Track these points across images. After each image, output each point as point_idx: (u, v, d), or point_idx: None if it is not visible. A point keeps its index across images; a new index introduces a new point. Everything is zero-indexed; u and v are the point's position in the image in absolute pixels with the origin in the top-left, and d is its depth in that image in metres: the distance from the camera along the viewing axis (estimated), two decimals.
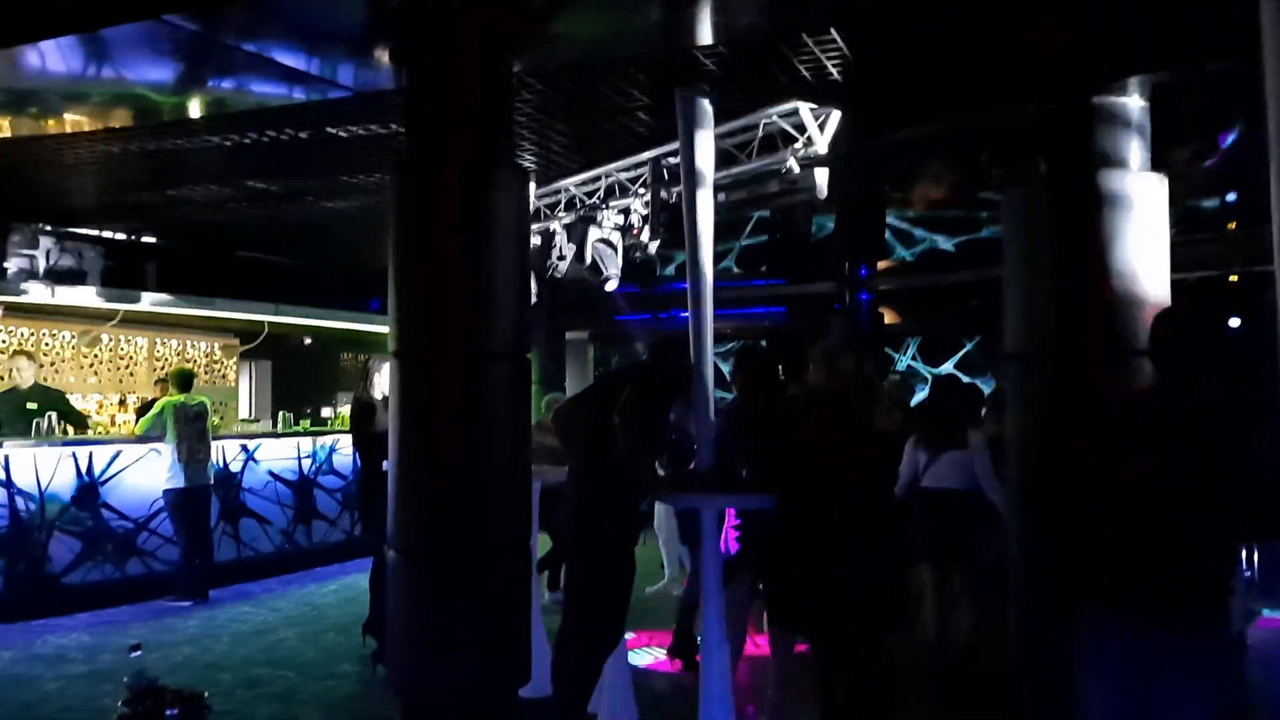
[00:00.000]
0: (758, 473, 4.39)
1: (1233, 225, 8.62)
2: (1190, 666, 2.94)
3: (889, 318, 10.98)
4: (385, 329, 4.29)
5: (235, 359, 13.11)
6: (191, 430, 7.96)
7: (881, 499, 4.17)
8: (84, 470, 7.67)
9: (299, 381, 13.75)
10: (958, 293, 10.57)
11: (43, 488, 7.41)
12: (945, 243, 10.98)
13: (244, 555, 8.86)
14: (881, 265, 10.55)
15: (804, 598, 4.00)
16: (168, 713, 2.90)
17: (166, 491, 7.87)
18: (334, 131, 6.37)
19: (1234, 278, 8.64)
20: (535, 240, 7.78)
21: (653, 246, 7.06)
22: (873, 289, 10.29)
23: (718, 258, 10.76)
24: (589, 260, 7.50)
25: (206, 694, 3.18)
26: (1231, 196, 8.62)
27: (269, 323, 11.85)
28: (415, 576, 4.18)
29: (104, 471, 7.79)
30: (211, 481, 8.20)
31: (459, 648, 4.10)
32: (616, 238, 7.44)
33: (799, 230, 10.97)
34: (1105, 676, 3.07)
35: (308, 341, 13.82)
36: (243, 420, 11.76)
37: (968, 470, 5.60)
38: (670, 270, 11.71)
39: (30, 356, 8.63)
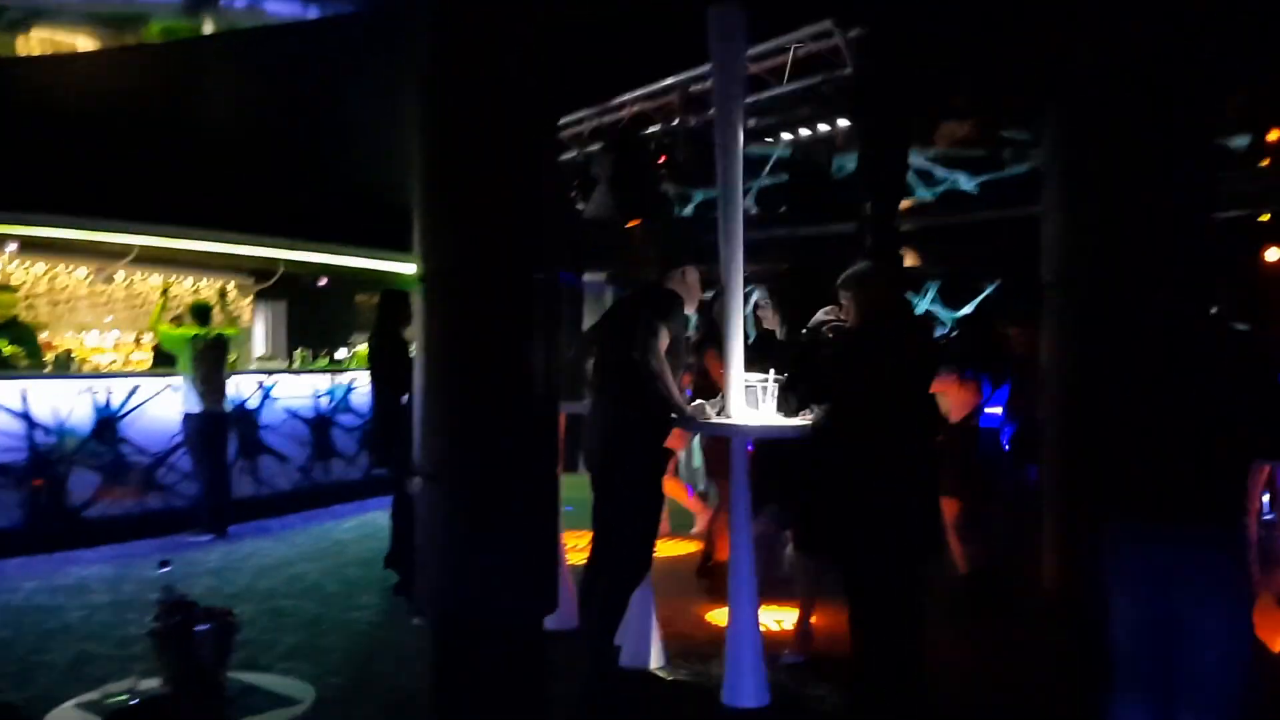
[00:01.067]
0: (791, 400, 4.33)
1: (1266, 162, 8.43)
2: (1209, 581, 2.95)
3: (909, 260, 10.82)
4: (402, 267, 4.20)
5: (250, 299, 13.06)
6: (208, 359, 7.91)
7: (922, 427, 4.11)
8: (102, 404, 7.65)
9: (314, 322, 13.71)
10: (980, 233, 10.40)
11: (62, 421, 7.40)
12: (967, 183, 10.80)
13: (262, 492, 8.87)
14: (903, 205, 10.36)
15: (842, 526, 3.96)
16: (198, 628, 2.87)
17: (186, 417, 7.84)
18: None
19: (1266, 217, 8.49)
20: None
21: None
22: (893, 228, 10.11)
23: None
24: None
25: (236, 611, 3.15)
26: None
27: (285, 261, 11.73)
28: (443, 498, 4.14)
29: (122, 405, 7.77)
30: (228, 410, 8.16)
31: (487, 569, 4.07)
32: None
33: (819, 170, 10.77)
34: (1128, 593, 3.10)
35: (323, 282, 13.76)
36: (259, 358, 11.72)
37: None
38: (689, 210, 11.55)
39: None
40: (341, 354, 11.62)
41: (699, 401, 4.60)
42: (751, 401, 4.49)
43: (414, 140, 4.16)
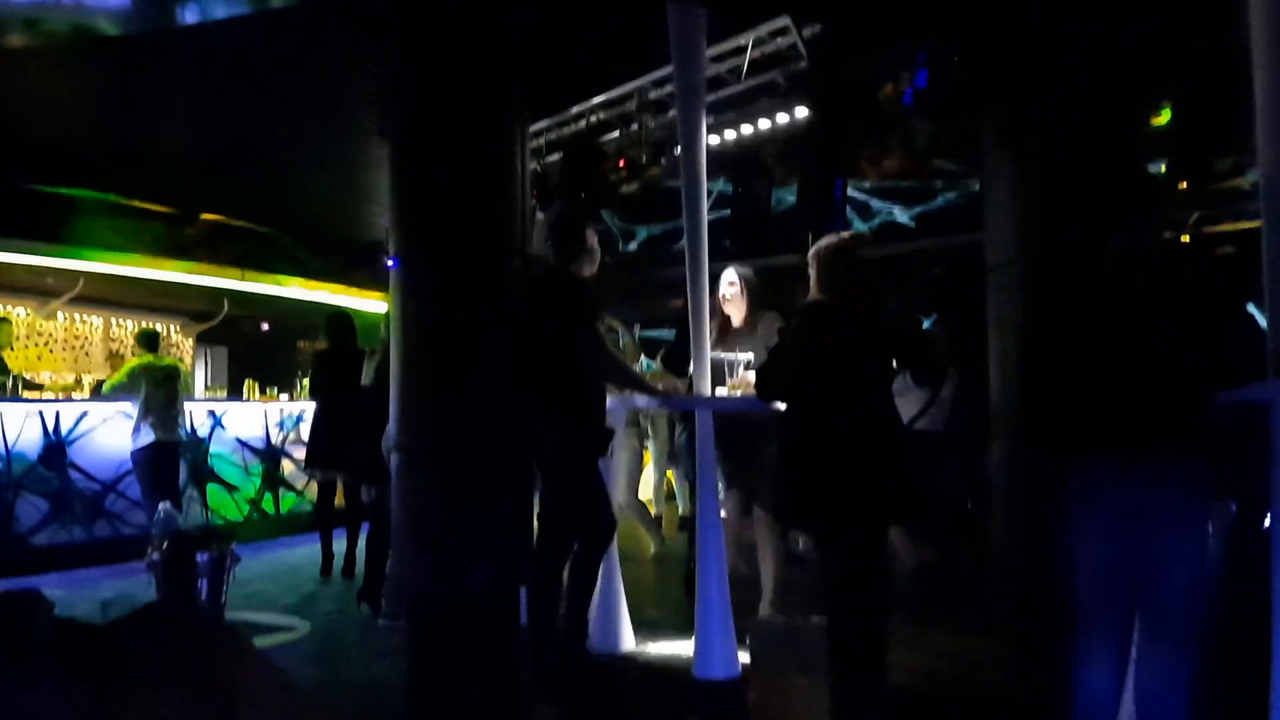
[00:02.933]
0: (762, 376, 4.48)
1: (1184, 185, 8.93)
2: (1177, 512, 3.11)
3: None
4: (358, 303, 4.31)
5: (192, 342, 12.95)
6: (162, 392, 7.84)
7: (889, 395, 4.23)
8: (51, 429, 7.55)
9: (255, 368, 13.61)
10: (917, 264, 10.80)
11: (9, 445, 7.28)
12: (901, 215, 11.23)
13: (212, 521, 8.76)
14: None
15: (817, 497, 4.05)
16: (199, 557, 2.91)
17: (135, 451, 7.73)
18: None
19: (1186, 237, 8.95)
20: None
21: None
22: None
23: (675, 236, 10.90)
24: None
25: (234, 545, 3.19)
26: None
27: (230, 294, 11.61)
28: (419, 474, 4.21)
29: (71, 431, 7.67)
30: (182, 440, 8.08)
31: (462, 544, 4.13)
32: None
33: (759, 204, 11.13)
34: (1096, 527, 3.23)
35: (265, 327, 13.70)
36: (208, 390, 11.60)
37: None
38: (632, 246, 11.80)
39: None
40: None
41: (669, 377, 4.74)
42: (719, 379, 4.65)
43: (386, 120, 4.30)
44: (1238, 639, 4.37)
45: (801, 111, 5.69)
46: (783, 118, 6.27)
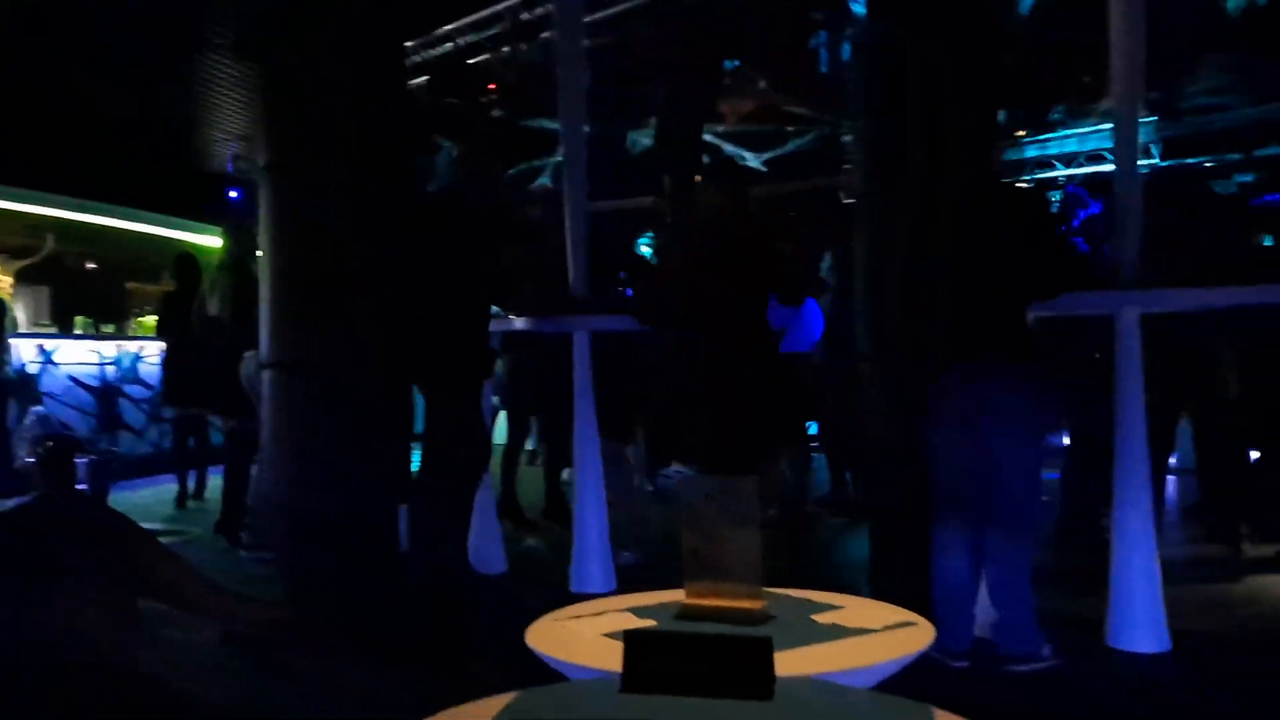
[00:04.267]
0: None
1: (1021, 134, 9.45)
2: (1013, 414, 3.44)
3: None
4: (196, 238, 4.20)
5: (11, 281, 12.09)
6: None
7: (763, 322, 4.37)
8: None
9: (80, 311, 12.84)
10: (770, 207, 11.07)
11: None
12: (753, 160, 11.48)
13: None
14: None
15: (695, 428, 4.18)
16: (78, 459, 2.80)
17: None
18: None
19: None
20: None
21: None
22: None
23: (531, 175, 10.83)
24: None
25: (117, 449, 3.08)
26: None
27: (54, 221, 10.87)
28: (293, 391, 4.14)
29: None
30: (9, 377, 7.60)
31: (338, 461, 4.10)
32: None
33: (614, 145, 11.16)
34: (944, 426, 3.54)
35: (91, 266, 12.92)
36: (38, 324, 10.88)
37: None
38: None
39: None
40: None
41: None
42: None
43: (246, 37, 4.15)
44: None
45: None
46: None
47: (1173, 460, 6.04)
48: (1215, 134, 8.33)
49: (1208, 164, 8.33)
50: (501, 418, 6.37)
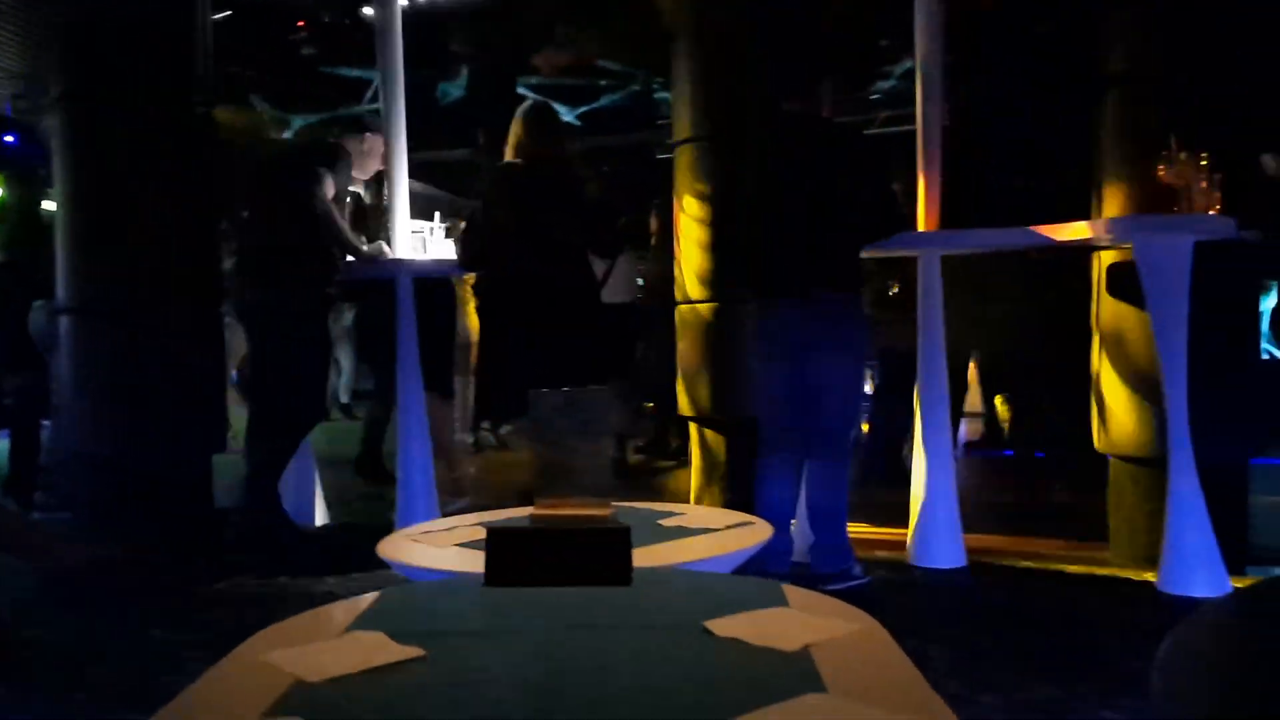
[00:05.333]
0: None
1: None
2: (835, 343, 3.62)
3: None
4: None
5: None
6: None
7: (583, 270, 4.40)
8: None
9: None
10: (586, 161, 11.10)
11: None
12: (567, 114, 11.48)
13: None
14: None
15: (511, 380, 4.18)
16: None
17: None
18: None
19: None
20: None
21: None
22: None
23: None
24: None
25: None
26: None
27: None
28: (93, 337, 3.92)
29: None
30: None
31: (143, 414, 3.92)
32: None
33: (426, 95, 10.92)
34: (771, 356, 3.71)
35: None
36: None
37: None
38: (287, 134, 11.19)
39: None
40: None
41: (377, 242, 4.68)
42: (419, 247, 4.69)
43: None
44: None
45: None
46: None
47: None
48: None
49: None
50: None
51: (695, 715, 0.99)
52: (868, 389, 5.81)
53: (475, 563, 1.50)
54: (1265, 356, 6.29)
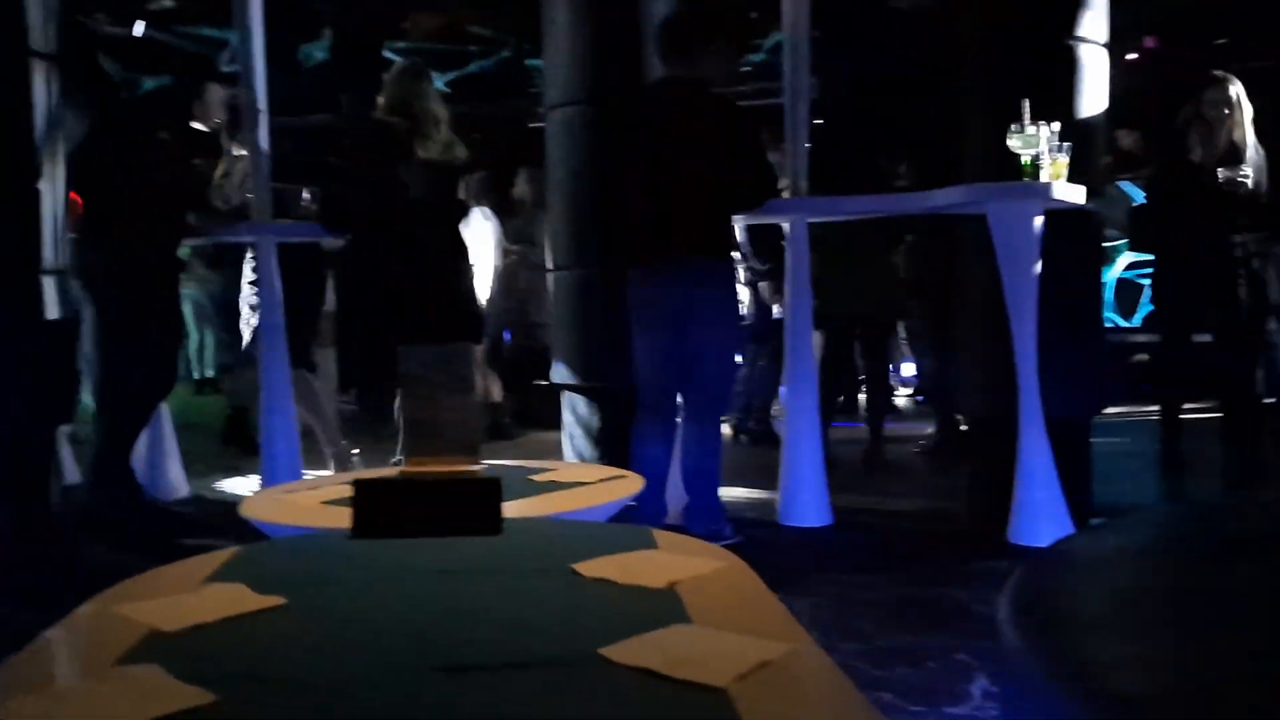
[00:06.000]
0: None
1: None
2: (711, 307, 3.67)
3: None
4: None
5: None
6: None
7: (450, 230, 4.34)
8: None
9: None
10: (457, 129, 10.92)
11: None
12: (437, 80, 11.24)
13: None
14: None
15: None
16: None
17: None
18: None
19: None
20: None
21: None
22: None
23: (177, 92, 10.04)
24: None
25: None
26: None
27: None
28: None
29: None
30: None
31: None
32: None
33: (287, 59, 10.55)
34: (649, 324, 3.73)
35: None
36: None
37: None
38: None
39: None
40: None
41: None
42: None
43: None
44: None
45: None
46: None
47: None
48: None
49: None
50: None
51: (563, 648, 1.00)
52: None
53: (342, 519, 1.48)
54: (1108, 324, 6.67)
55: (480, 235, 6.44)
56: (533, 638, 1.04)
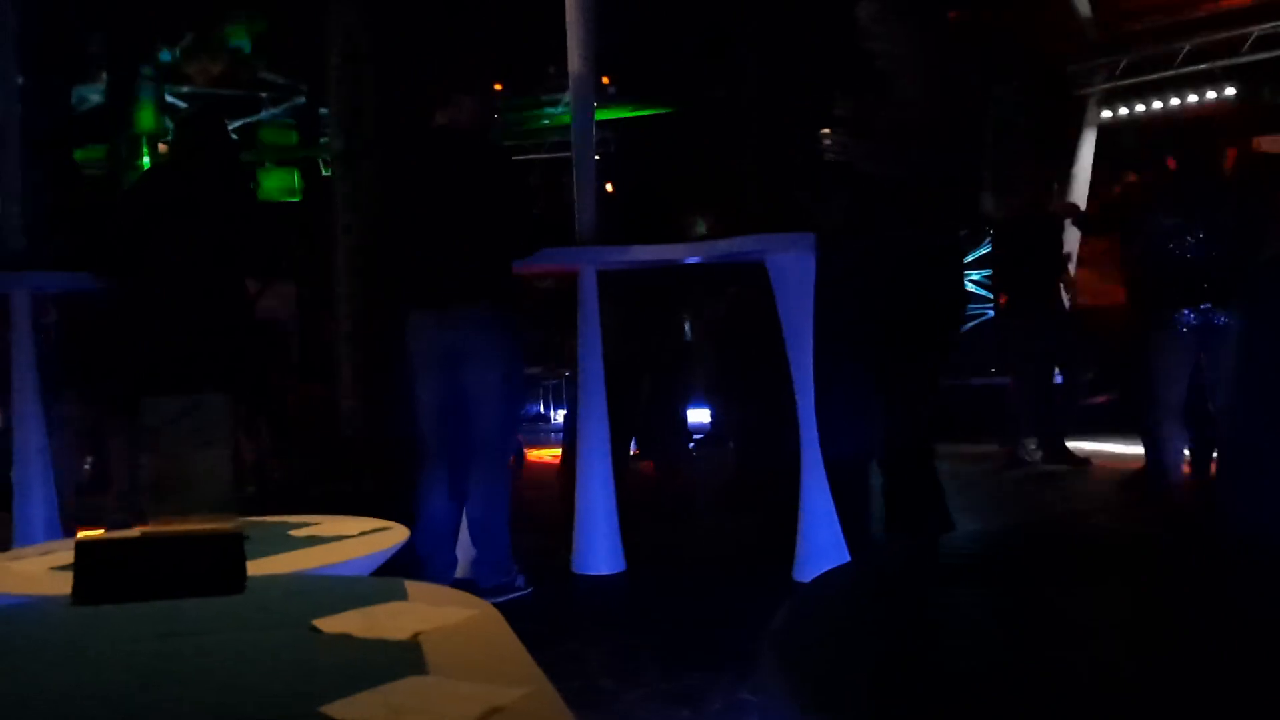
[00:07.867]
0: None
1: None
2: (488, 355, 3.62)
3: None
4: None
5: None
6: None
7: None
8: None
9: None
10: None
11: None
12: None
13: None
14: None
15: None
16: None
17: None
18: None
19: None
20: None
21: None
22: None
23: None
24: None
25: None
26: None
27: None
28: None
29: None
30: None
31: None
32: None
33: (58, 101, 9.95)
34: (426, 366, 3.67)
35: None
36: None
37: None
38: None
39: None
40: None
41: None
42: None
43: None
44: None
45: None
46: None
47: None
48: None
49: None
50: None
51: (283, 710, 0.94)
52: None
53: (67, 585, 1.36)
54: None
55: None
56: (258, 697, 0.97)
